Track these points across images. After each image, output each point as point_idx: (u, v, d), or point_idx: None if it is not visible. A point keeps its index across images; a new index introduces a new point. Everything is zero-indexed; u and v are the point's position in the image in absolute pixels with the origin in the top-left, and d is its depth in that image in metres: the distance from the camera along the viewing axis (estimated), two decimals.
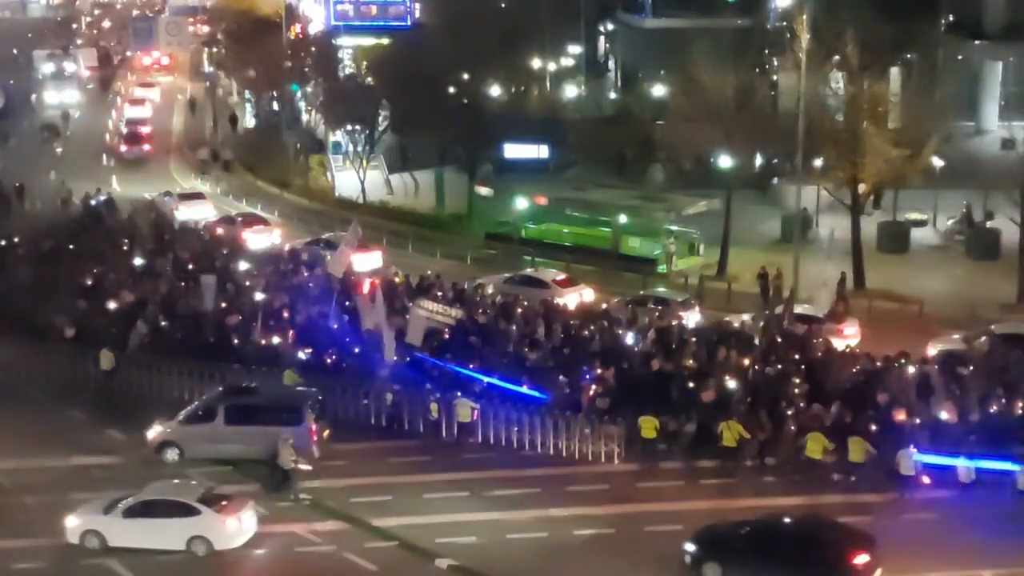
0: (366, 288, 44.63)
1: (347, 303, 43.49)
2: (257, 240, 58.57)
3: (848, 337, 43.04)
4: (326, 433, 35.41)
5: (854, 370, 37.38)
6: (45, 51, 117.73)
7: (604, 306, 46.62)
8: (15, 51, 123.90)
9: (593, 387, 36.23)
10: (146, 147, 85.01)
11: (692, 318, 45.17)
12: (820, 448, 33.00)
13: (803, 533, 28.53)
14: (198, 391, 38.46)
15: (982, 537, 29.59)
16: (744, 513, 30.91)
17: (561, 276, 51.03)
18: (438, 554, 29.81)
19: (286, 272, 49.52)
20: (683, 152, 59.13)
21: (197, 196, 68.94)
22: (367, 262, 52.61)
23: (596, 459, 34.98)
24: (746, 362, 37.42)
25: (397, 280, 47.99)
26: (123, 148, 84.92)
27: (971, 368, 37.22)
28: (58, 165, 78.69)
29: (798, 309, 45.33)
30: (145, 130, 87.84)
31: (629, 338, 40.51)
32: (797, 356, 38.29)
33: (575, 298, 48.29)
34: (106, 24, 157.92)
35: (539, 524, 31.17)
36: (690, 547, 29.02)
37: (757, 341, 38.80)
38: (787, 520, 29.56)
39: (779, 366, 37.23)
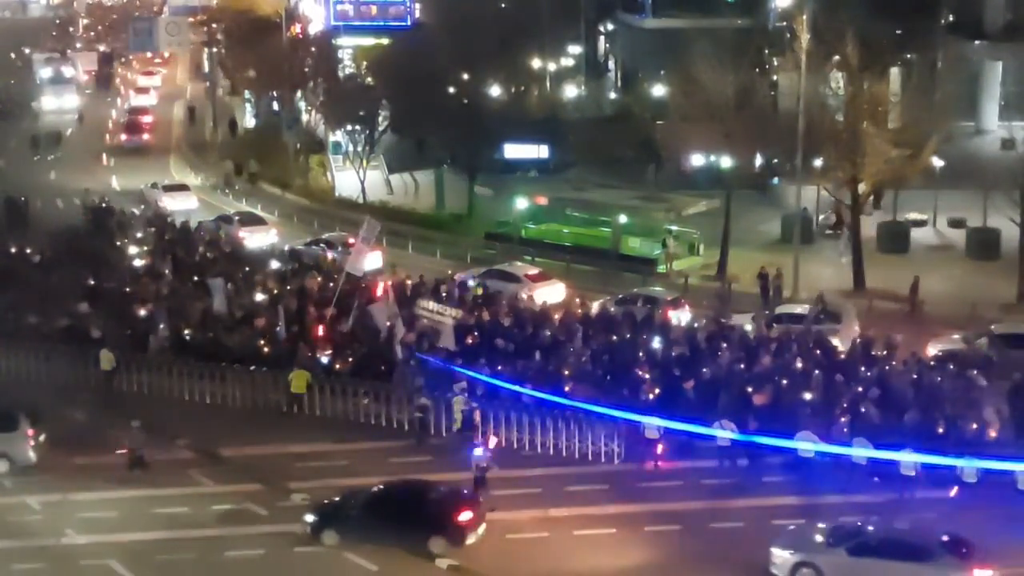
0: (379, 290, 44.72)
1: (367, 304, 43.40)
2: (254, 239, 58.85)
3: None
4: (42, 437, 35.06)
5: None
6: (43, 55, 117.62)
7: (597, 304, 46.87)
8: (12, 55, 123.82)
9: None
10: (145, 136, 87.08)
11: (682, 317, 45.44)
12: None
13: (411, 497, 30.63)
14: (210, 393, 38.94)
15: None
16: (742, 513, 31.00)
17: (533, 270, 51.75)
18: (438, 554, 29.81)
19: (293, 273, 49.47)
20: (683, 152, 59.13)
21: (182, 188, 70.97)
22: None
23: (596, 459, 34.99)
24: (799, 365, 37.34)
25: (409, 282, 48.13)
26: (123, 137, 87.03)
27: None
28: (58, 167, 78.74)
29: (796, 309, 45.41)
30: (147, 119, 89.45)
31: (656, 342, 40.24)
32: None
33: (546, 292, 49.16)
34: (101, 27, 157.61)
35: (539, 524, 31.20)
36: (309, 518, 30.61)
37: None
38: (396, 486, 31.45)
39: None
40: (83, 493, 32.91)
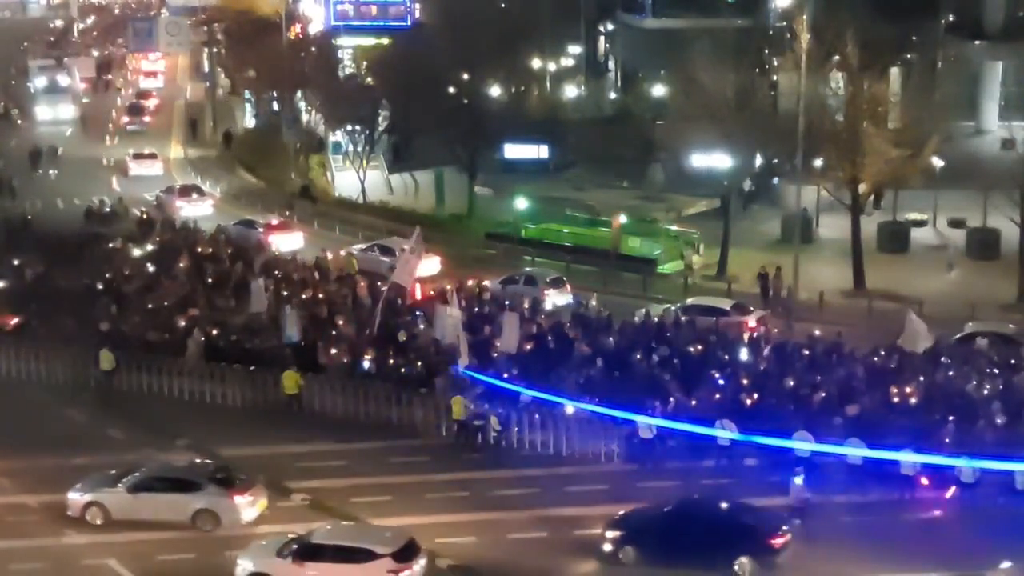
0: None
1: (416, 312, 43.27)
2: (191, 209, 63.17)
3: (753, 330, 42.85)
4: None
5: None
6: (38, 62, 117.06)
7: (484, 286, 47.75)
8: (10, 62, 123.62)
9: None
10: (147, 119, 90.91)
11: (563, 298, 46.66)
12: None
13: None
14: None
15: (982, 537, 29.58)
16: None
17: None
18: (438, 554, 29.77)
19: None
20: (683, 152, 59.17)
21: (150, 156, 76.39)
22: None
23: (596, 459, 34.99)
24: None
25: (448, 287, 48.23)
26: (124, 119, 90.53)
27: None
28: (58, 171, 78.71)
29: (705, 301, 45.56)
30: (150, 103, 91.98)
31: (744, 353, 39.41)
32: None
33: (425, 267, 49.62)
34: (99, 31, 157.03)
35: (539, 524, 31.19)
36: None
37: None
38: None
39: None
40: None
